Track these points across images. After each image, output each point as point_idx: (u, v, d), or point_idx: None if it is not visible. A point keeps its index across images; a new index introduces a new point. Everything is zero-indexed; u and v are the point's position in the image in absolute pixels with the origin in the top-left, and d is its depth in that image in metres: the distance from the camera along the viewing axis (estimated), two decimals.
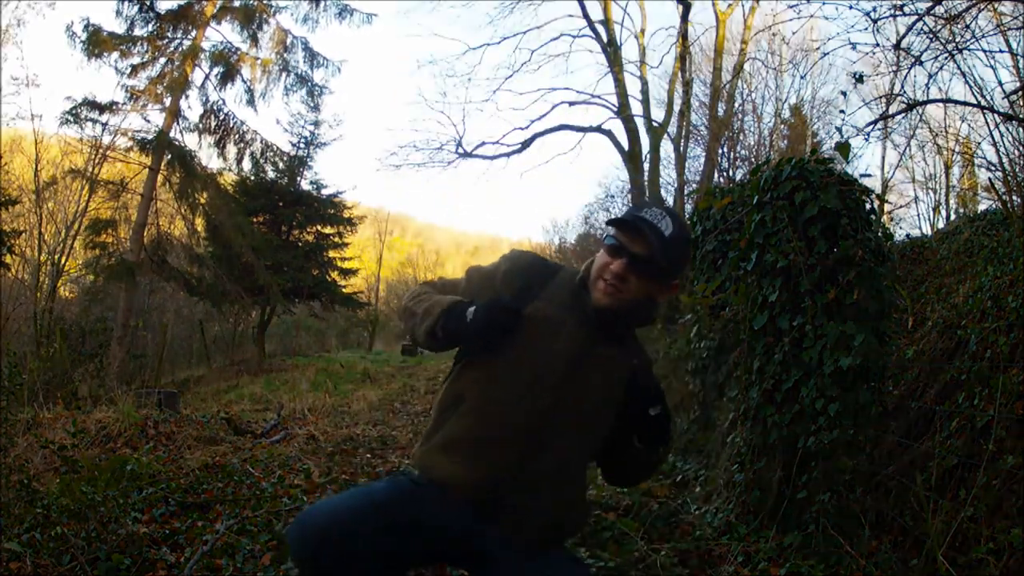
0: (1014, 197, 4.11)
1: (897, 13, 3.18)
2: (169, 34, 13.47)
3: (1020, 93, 3.95)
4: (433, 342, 1.39)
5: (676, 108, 13.94)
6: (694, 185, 13.38)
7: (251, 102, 14.35)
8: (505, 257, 1.52)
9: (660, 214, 1.37)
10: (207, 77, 14.04)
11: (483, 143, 15.20)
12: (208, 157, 14.98)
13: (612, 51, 14.09)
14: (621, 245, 1.36)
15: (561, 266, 1.52)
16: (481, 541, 1.36)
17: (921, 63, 3.33)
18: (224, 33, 14.06)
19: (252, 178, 16.37)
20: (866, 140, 3.58)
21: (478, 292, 1.46)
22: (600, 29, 14.23)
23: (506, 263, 1.49)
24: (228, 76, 14.05)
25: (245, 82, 14.26)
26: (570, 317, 1.40)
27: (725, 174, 12.81)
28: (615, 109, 14.19)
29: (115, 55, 12.94)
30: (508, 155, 15.15)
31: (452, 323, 1.35)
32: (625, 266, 1.35)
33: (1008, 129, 3.85)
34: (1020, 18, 3.63)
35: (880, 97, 4.36)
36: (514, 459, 1.34)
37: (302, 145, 17.09)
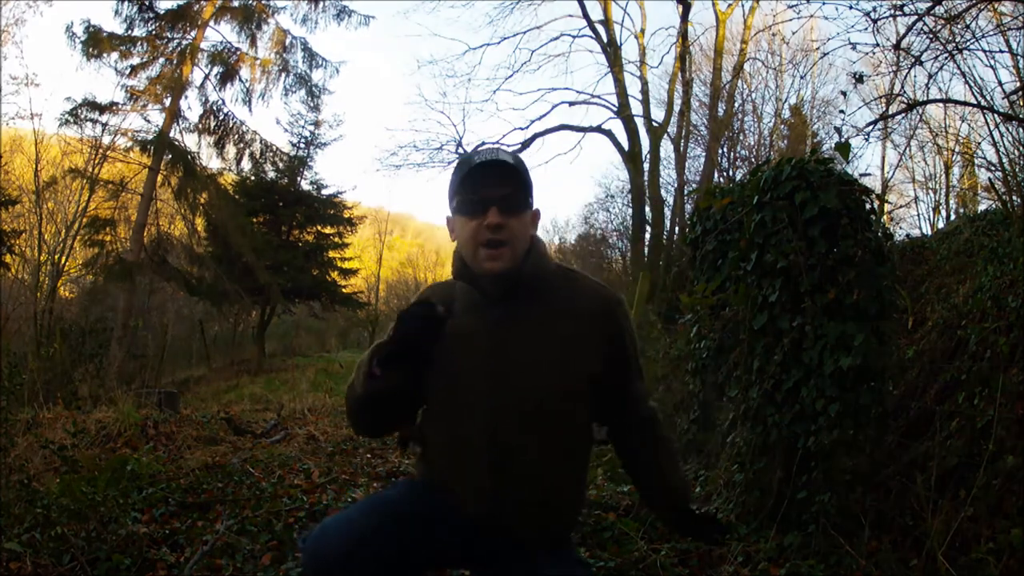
0: (1014, 197, 4.11)
1: (897, 13, 3.17)
2: (168, 34, 13.48)
3: (1020, 93, 3.95)
4: (373, 387, 1.28)
5: (676, 108, 13.92)
6: (694, 185, 13.38)
7: (250, 102, 14.38)
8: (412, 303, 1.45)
9: (490, 151, 1.33)
10: (206, 77, 14.07)
11: (483, 143, 15.16)
12: (208, 157, 14.98)
13: (612, 51, 14.08)
14: (481, 197, 1.29)
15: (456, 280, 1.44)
16: (483, 543, 1.36)
17: (921, 63, 3.33)
18: (223, 33, 14.09)
19: (252, 178, 16.37)
20: (866, 140, 3.58)
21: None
22: (600, 29, 14.21)
23: (411, 306, 1.41)
24: (227, 76, 14.06)
25: (244, 82, 14.28)
26: (473, 316, 1.34)
27: (725, 174, 12.81)
28: (615, 109, 14.18)
29: (115, 55, 12.97)
30: None
31: (382, 352, 1.26)
32: (498, 212, 1.28)
33: (1008, 129, 3.84)
34: (1020, 18, 3.63)
35: (880, 97, 4.35)
36: (491, 476, 1.31)
37: (302, 145, 17.09)
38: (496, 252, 1.29)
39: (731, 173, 12.69)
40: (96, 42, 12.65)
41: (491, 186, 1.29)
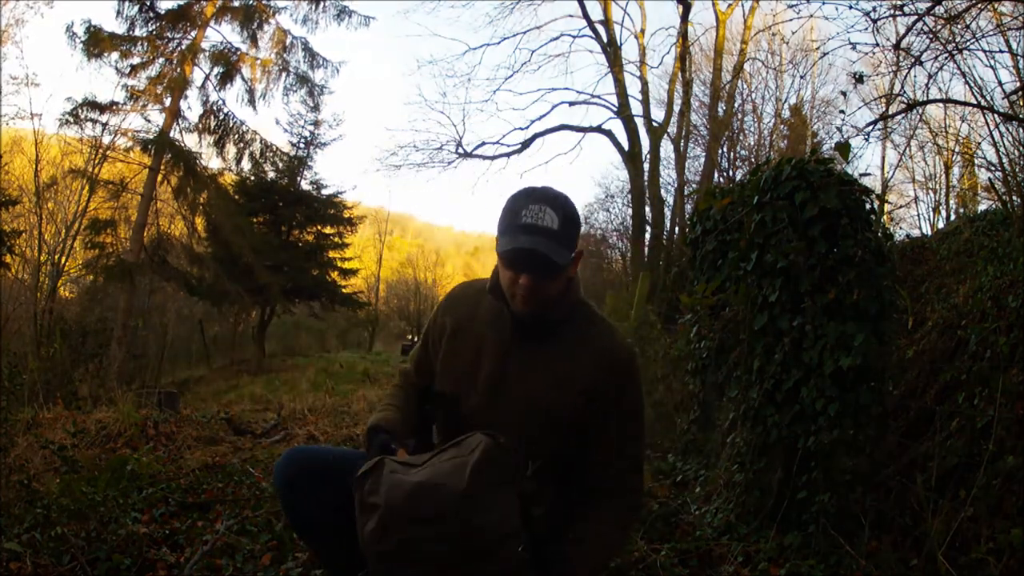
0: (1014, 197, 4.12)
1: (897, 13, 3.17)
2: (169, 34, 13.50)
3: (1020, 93, 3.95)
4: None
5: (676, 108, 13.94)
6: (694, 185, 13.40)
7: (251, 102, 14.39)
8: (435, 311, 1.58)
9: (539, 209, 1.29)
10: (207, 77, 14.08)
11: (483, 143, 15.16)
12: (208, 157, 14.98)
13: (612, 51, 14.08)
14: (517, 261, 1.32)
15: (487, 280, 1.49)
16: None
17: (921, 63, 3.32)
18: (224, 33, 14.11)
19: (252, 178, 16.37)
20: (866, 140, 3.57)
21: (433, 349, 1.53)
22: (600, 29, 14.22)
23: (434, 316, 1.57)
24: (228, 76, 14.07)
25: (245, 82, 14.29)
26: (493, 329, 1.43)
27: (725, 174, 12.83)
28: (615, 109, 14.19)
29: (115, 55, 12.99)
30: (508, 155, 15.13)
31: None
32: (531, 279, 1.31)
33: (1008, 129, 3.85)
34: (1020, 18, 3.63)
35: (880, 97, 4.35)
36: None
37: (302, 145, 17.10)
38: (530, 301, 1.34)
39: (731, 173, 12.71)
40: (97, 42, 12.66)
41: (531, 258, 1.29)
